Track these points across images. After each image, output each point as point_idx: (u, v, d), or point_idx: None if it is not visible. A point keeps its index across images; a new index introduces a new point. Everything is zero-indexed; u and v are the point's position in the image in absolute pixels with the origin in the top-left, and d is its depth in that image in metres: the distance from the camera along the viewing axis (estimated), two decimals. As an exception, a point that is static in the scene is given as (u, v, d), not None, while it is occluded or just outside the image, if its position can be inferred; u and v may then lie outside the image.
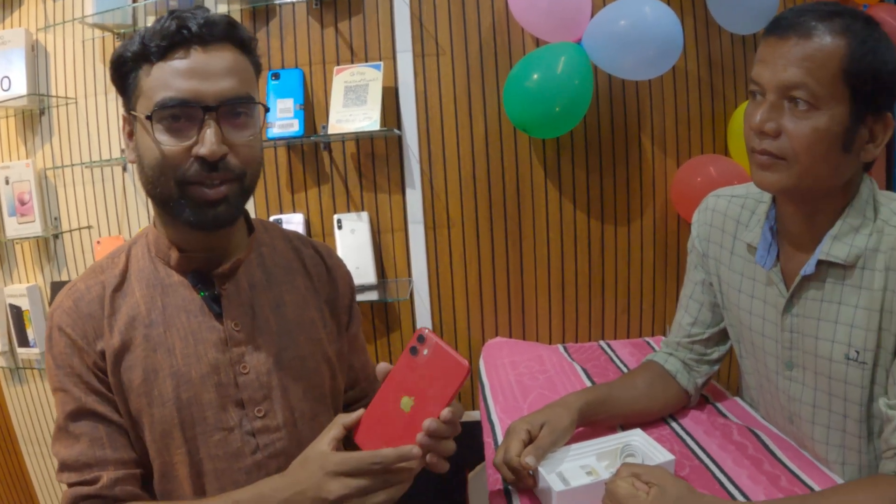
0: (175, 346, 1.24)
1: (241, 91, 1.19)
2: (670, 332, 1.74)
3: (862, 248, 1.29)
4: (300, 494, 1.09)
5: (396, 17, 2.38)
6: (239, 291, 1.32)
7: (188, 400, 1.23)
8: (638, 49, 2.15)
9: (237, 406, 1.27)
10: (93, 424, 1.21)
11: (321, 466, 1.08)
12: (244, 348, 1.29)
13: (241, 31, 1.23)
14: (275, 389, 1.30)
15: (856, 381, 1.32)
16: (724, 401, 1.75)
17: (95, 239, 2.50)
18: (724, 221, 1.57)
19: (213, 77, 1.16)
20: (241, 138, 1.20)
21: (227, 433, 1.26)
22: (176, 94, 1.14)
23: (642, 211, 2.53)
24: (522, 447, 1.33)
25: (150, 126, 1.15)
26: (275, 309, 1.36)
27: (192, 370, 1.24)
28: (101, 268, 1.30)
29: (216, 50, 1.18)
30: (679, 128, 2.51)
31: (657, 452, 1.37)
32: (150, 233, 1.32)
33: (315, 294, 1.45)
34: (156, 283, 1.27)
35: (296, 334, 1.37)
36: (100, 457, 1.20)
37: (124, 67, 1.19)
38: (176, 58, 1.15)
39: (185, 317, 1.26)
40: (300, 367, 1.35)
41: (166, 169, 1.16)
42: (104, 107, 2.48)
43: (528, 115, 2.25)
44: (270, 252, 1.42)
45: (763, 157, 1.27)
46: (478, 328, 2.55)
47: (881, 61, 1.21)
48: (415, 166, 2.43)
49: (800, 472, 1.38)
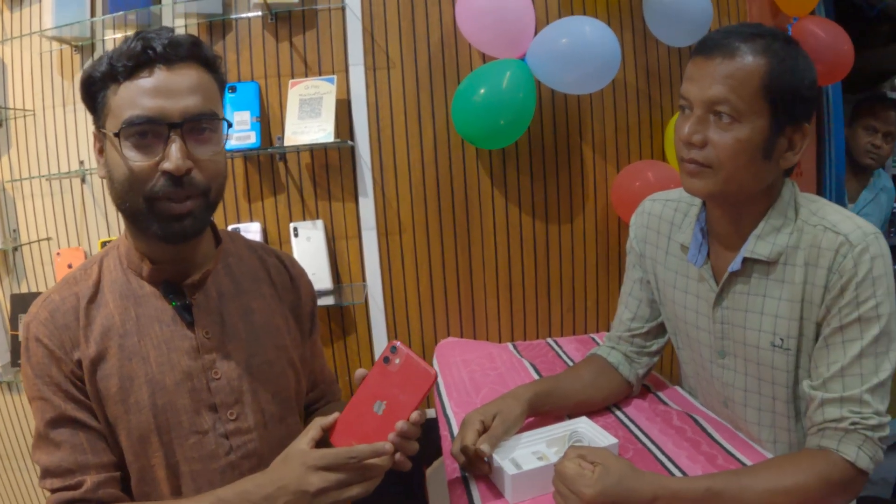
0: (149, 355, 1.27)
1: (205, 108, 1.22)
2: (612, 328, 1.82)
3: (783, 246, 1.39)
4: (282, 489, 1.14)
5: (349, 32, 2.39)
6: (208, 300, 1.35)
7: (163, 406, 1.26)
8: (578, 66, 2.20)
9: (210, 410, 1.30)
10: (72, 431, 1.23)
11: (302, 462, 1.15)
12: (215, 355, 1.32)
13: (205, 49, 1.25)
14: (245, 393, 1.34)
15: (782, 366, 1.43)
16: (664, 389, 1.84)
17: (55, 251, 2.47)
18: (659, 223, 1.66)
19: (178, 95, 1.19)
20: (206, 154, 1.23)
21: (202, 436, 1.29)
22: (142, 111, 1.16)
23: (584, 214, 2.58)
24: (477, 436, 1.40)
25: (119, 143, 1.17)
26: (243, 316, 1.39)
27: (166, 377, 1.27)
28: (74, 279, 1.31)
29: (181, 69, 1.20)
30: (618, 135, 2.57)
31: (602, 437, 1.44)
32: (121, 245, 1.34)
33: (280, 302, 1.49)
34: (129, 294, 1.30)
35: (263, 340, 1.41)
36: (81, 462, 1.22)
37: (93, 87, 1.21)
38: (142, 77, 1.18)
39: (158, 326, 1.29)
40: (268, 372, 1.39)
41: (134, 184, 1.19)
42: (62, 119, 2.45)
43: (475, 129, 2.29)
44: (237, 262, 1.45)
45: (691, 165, 1.37)
46: (430, 329, 2.56)
47: (799, 78, 1.32)
48: (367, 175, 2.45)
49: (735, 451, 1.48)
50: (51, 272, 2.53)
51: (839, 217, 1.36)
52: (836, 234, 1.33)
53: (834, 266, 1.32)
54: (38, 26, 2.40)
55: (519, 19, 2.25)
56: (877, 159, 3.38)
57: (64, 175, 2.46)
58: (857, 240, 1.31)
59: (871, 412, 1.29)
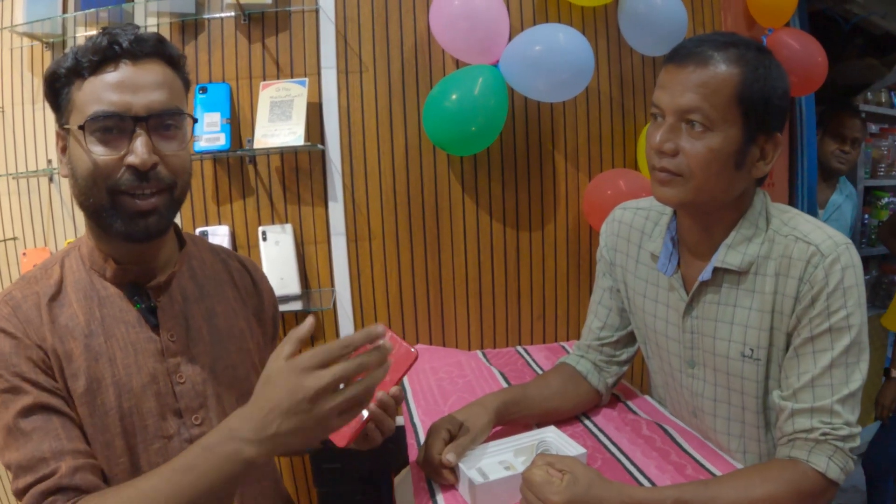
0: (116, 356, 1.24)
1: (170, 104, 1.22)
2: (581, 336, 1.81)
3: (754, 256, 1.39)
4: (273, 410, 1.01)
5: (322, 35, 2.38)
6: (172, 303, 1.33)
7: (129, 409, 1.23)
8: (552, 73, 2.20)
9: (175, 415, 1.28)
10: (45, 417, 1.16)
11: (288, 372, 1.01)
12: (179, 359, 1.31)
13: (170, 47, 1.26)
14: (210, 398, 1.32)
15: (751, 376, 1.43)
16: (633, 399, 1.83)
17: (21, 251, 2.44)
18: (629, 232, 1.66)
19: (143, 90, 1.19)
20: (171, 149, 1.23)
21: (167, 441, 1.27)
22: (108, 106, 1.16)
23: (555, 222, 2.58)
24: (444, 445, 1.39)
25: (84, 137, 1.17)
26: (207, 319, 1.38)
27: (132, 380, 1.24)
28: (34, 278, 1.28)
29: (146, 64, 1.20)
30: (591, 144, 2.57)
31: (570, 447, 1.44)
32: (82, 245, 1.32)
33: (243, 305, 1.48)
34: (92, 295, 1.27)
35: (227, 344, 1.39)
36: (55, 448, 1.14)
37: (57, 83, 1.21)
38: (107, 72, 1.18)
39: (123, 328, 1.27)
40: (232, 376, 1.38)
41: (98, 179, 1.18)
42: (31, 117, 2.42)
43: (446, 135, 2.29)
44: (200, 265, 1.44)
45: (662, 174, 1.36)
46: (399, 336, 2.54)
47: (771, 87, 1.32)
48: (337, 180, 2.44)
49: (704, 461, 1.47)
50: (16, 272, 2.49)
51: (810, 227, 1.37)
52: (808, 244, 1.33)
53: (805, 276, 1.33)
54: (9, 21, 2.37)
55: (493, 26, 2.25)
56: (846, 164, 3.49)
57: (31, 174, 2.43)
58: (829, 250, 1.31)
59: (841, 423, 1.29)
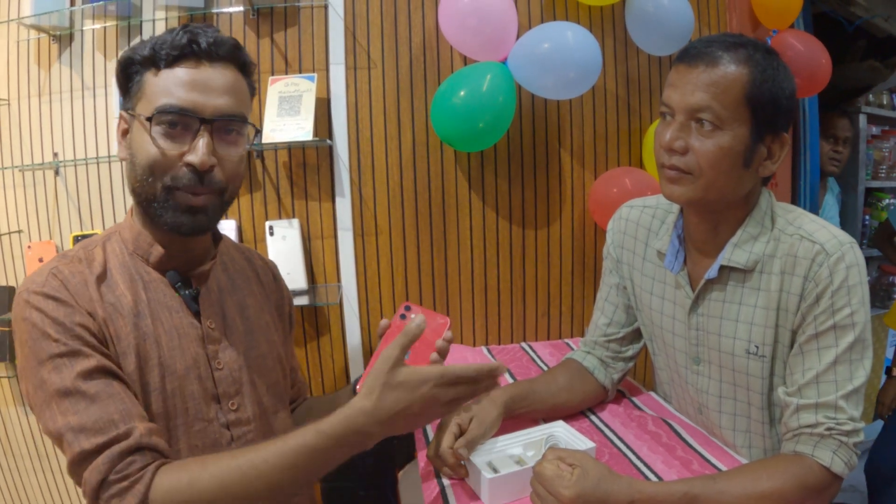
0: (161, 339, 1.26)
1: (236, 109, 1.25)
2: (588, 332, 1.82)
3: (760, 255, 1.41)
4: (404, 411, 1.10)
5: (331, 31, 2.38)
6: (210, 293, 1.37)
7: (172, 391, 1.25)
8: (559, 71, 2.21)
9: (214, 400, 1.31)
10: (107, 381, 1.15)
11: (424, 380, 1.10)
12: (218, 346, 1.34)
13: (245, 54, 1.30)
14: (245, 385, 1.36)
15: (756, 373, 1.45)
16: (639, 395, 1.85)
17: (26, 244, 2.43)
18: (636, 230, 1.68)
19: (213, 92, 1.22)
20: (230, 154, 1.26)
21: (207, 424, 1.29)
22: (177, 101, 1.20)
23: (561, 220, 2.59)
24: (454, 440, 1.40)
25: (149, 127, 1.20)
26: (239, 311, 1.42)
27: (176, 362, 1.27)
28: (76, 258, 1.27)
29: (220, 67, 1.24)
30: (597, 142, 2.58)
31: (579, 441, 1.46)
32: (123, 230, 1.33)
33: (267, 300, 1.53)
34: (136, 278, 1.29)
35: (257, 335, 1.44)
36: (125, 410, 1.13)
37: (131, 69, 1.24)
38: (181, 68, 1.21)
39: (167, 312, 1.29)
40: (263, 366, 1.42)
41: (157, 170, 1.21)
42: (38, 109, 2.41)
43: (454, 131, 2.29)
44: (230, 260, 1.49)
45: (672, 171, 1.38)
46: None
47: (779, 88, 1.34)
48: (345, 175, 2.44)
49: (710, 457, 1.49)
50: (21, 265, 2.49)
51: (815, 226, 1.38)
52: (813, 243, 1.35)
53: (810, 275, 1.34)
54: (16, 14, 2.37)
55: (501, 23, 2.25)
56: (838, 165, 3.56)
57: (37, 167, 2.43)
58: (833, 249, 1.33)
59: (845, 418, 1.31)
